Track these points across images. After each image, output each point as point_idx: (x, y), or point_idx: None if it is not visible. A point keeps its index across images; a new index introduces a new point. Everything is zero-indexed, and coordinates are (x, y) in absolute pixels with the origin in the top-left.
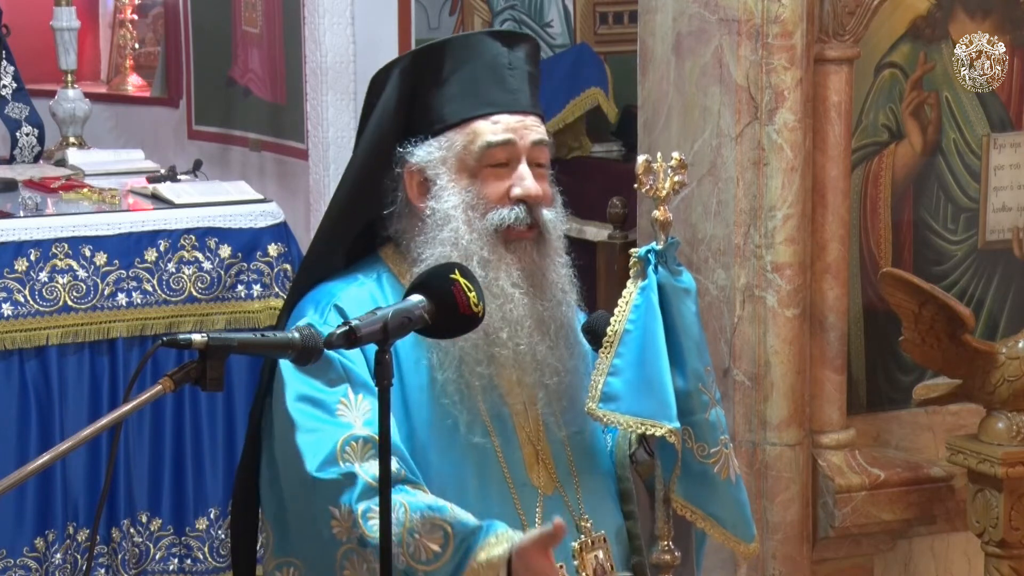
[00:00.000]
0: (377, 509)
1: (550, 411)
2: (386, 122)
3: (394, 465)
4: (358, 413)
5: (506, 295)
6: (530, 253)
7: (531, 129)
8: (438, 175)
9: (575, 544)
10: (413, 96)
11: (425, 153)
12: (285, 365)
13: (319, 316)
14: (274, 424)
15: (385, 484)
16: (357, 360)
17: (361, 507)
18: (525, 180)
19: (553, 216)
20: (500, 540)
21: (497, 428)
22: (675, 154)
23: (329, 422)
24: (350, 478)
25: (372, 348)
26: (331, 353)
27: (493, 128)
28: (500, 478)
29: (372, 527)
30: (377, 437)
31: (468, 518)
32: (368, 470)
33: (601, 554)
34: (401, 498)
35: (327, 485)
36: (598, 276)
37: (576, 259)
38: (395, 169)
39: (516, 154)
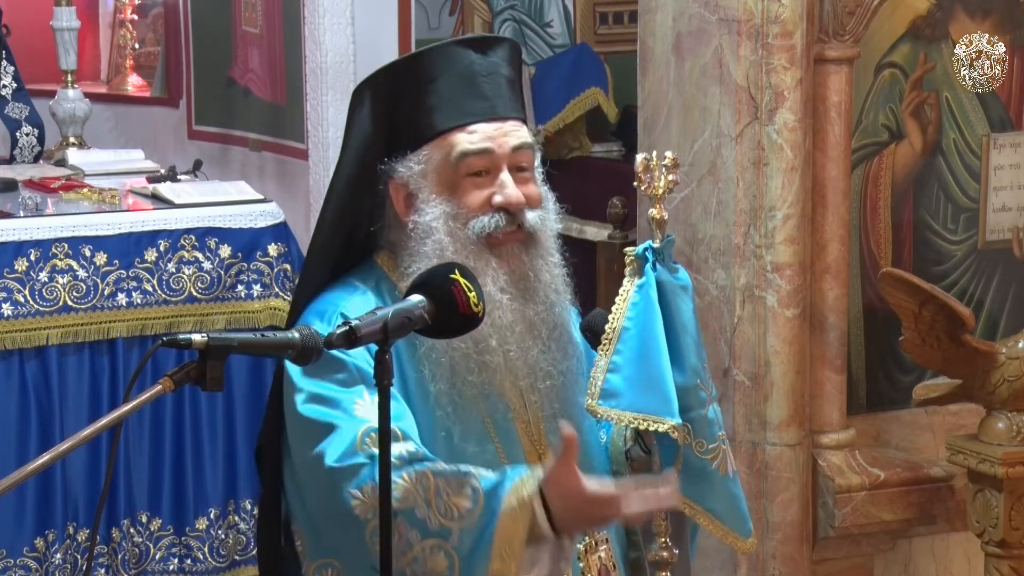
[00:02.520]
0: (400, 482)
1: (547, 413)
2: (367, 139)
3: (411, 447)
4: (375, 411)
5: (494, 301)
6: (519, 256)
7: (510, 135)
8: (420, 189)
9: (580, 546)
10: (391, 112)
11: (407, 168)
12: (295, 371)
13: (326, 326)
14: (289, 434)
15: (385, 489)
16: (368, 365)
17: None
18: (506, 188)
19: (541, 216)
20: (525, 480)
21: (499, 432)
22: (668, 153)
23: (345, 419)
24: (371, 459)
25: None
26: (343, 356)
27: (470, 138)
28: None
29: (396, 496)
30: (400, 430)
31: (490, 473)
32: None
33: (603, 554)
34: (422, 468)
35: (346, 471)
36: (598, 276)
37: (576, 259)
38: (379, 185)
39: (496, 162)
